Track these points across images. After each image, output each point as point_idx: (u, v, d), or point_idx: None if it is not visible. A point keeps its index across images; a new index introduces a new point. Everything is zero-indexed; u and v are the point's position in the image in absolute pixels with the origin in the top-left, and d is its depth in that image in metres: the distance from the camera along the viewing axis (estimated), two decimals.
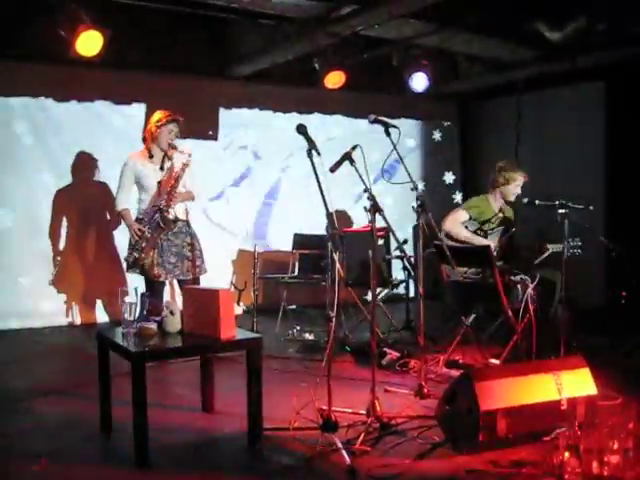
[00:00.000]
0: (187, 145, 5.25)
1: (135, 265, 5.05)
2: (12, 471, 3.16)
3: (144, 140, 5.17)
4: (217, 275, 5.50)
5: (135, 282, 5.02)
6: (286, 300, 6.54)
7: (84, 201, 6.74)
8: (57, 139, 6.55)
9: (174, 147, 5.05)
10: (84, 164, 6.69)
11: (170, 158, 5.09)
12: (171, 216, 5.02)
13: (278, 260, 7.39)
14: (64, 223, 6.64)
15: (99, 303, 6.76)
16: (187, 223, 5.19)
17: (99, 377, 3.69)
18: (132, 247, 5.05)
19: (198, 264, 5.19)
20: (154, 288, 4.98)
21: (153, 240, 5.00)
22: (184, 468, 3.21)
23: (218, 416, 3.90)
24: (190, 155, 4.99)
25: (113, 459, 3.34)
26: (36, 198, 6.50)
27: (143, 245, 4.99)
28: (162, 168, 5.09)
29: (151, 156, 5.10)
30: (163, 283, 5.14)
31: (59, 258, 6.59)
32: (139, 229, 5.00)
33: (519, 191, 5.18)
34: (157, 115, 5.10)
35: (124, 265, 5.23)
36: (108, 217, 6.81)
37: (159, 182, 5.04)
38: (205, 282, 5.22)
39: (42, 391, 4.33)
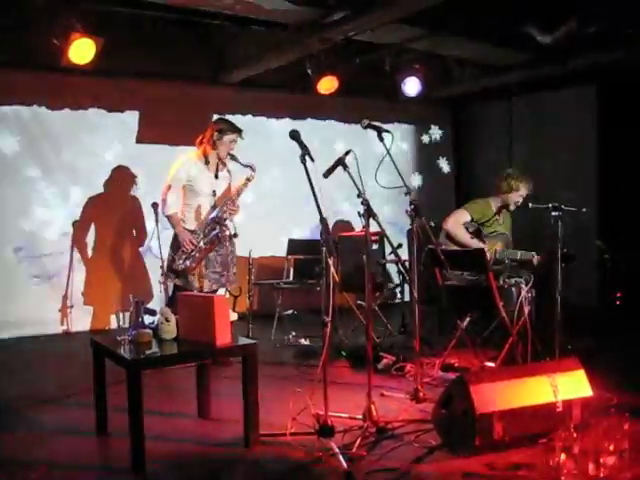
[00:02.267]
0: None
1: (183, 274, 4.98)
2: (9, 479, 3.15)
3: (199, 144, 5.11)
4: None
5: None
6: (281, 306, 6.54)
7: (114, 213, 6.84)
8: (50, 147, 6.53)
9: (234, 157, 5.03)
10: (118, 178, 6.77)
11: (225, 166, 5.09)
12: (227, 232, 5.03)
13: (273, 266, 7.39)
14: (90, 233, 6.72)
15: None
16: (232, 235, 5.16)
17: (94, 384, 3.69)
18: (186, 256, 4.96)
19: (235, 272, 5.23)
20: None
21: (206, 252, 4.98)
22: (180, 475, 3.21)
23: (214, 422, 3.89)
24: (254, 170, 4.98)
25: (110, 466, 3.34)
26: (30, 206, 6.47)
27: (197, 255, 4.96)
28: (217, 176, 5.07)
29: (207, 162, 5.07)
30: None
31: (79, 267, 6.65)
32: (190, 241, 4.96)
33: (520, 200, 5.20)
34: (219, 123, 5.07)
35: (156, 275, 5.18)
36: (134, 232, 6.91)
37: (214, 191, 5.02)
38: None
39: (39, 399, 4.32)
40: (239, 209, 5.09)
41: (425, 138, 8.85)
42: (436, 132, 8.94)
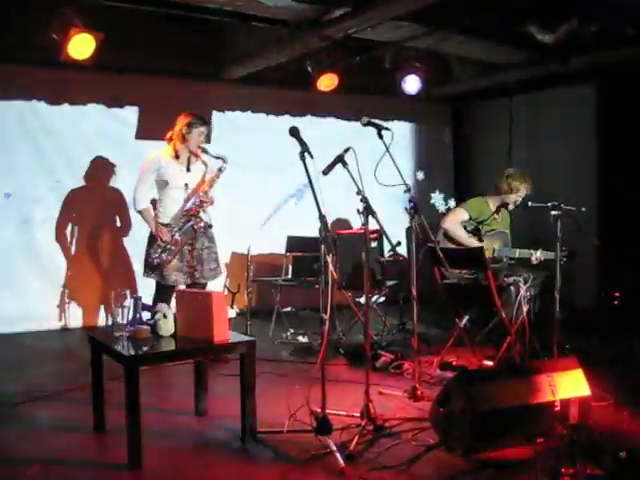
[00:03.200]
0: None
1: (158, 268, 4.98)
2: (6, 475, 3.15)
3: (169, 140, 5.12)
4: None
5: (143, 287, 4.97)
6: (280, 303, 6.53)
7: (95, 206, 6.76)
8: (49, 142, 6.51)
9: (205, 150, 5.03)
10: (99, 169, 6.71)
11: (198, 159, 5.07)
12: (202, 223, 5.03)
13: (272, 263, 7.38)
14: (72, 227, 6.65)
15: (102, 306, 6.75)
16: (207, 226, 5.17)
17: (92, 380, 3.68)
18: (161, 249, 4.96)
19: (213, 267, 5.18)
20: (165, 292, 4.96)
21: (182, 245, 4.98)
22: (177, 471, 3.21)
23: (212, 419, 3.89)
24: (226, 161, 4.97)
25: (106, 462, 3.33)
26: (29, 201, 6.45)
27: (173, 248, 4.96)
28: (189, 169, 5.06)
29: (177, 156, 5.06)
30: (174, 287, 5.05)
31: (65, 261, 6.59)
32: (166, 234, 4.96)
33: (520, 200, 5.19)
34: (187, 116, 5.07)
35: (141, 269, 5.16)
36: (118, 224, 6.84)
37: (186, 184, 5.00)
38: None
39: (36, 395, 4.32)
40: (212, 200, 5.10)
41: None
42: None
